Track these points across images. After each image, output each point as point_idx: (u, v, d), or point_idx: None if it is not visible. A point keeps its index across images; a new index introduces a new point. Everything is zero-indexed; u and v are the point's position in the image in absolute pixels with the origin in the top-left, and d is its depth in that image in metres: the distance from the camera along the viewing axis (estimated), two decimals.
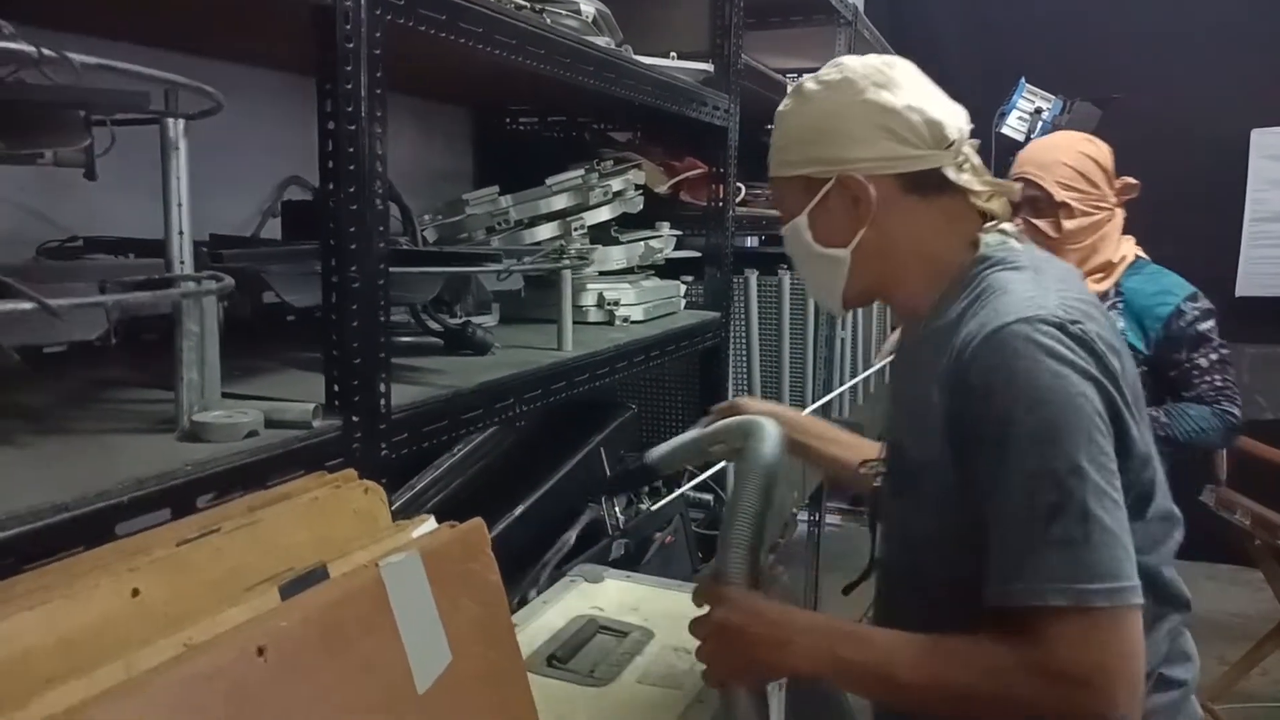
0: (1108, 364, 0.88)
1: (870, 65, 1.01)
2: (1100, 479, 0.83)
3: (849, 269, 1.02)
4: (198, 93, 0.80)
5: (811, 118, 1.02)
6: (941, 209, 1.00)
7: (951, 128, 0.98)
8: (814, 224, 1.02)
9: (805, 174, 1.02)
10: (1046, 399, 0.84)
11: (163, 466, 0.76)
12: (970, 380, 0.88)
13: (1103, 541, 0.82)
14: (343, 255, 0.92)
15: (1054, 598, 0.82)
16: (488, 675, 0.81)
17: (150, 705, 0.55)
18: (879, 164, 0.98)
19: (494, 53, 1.13)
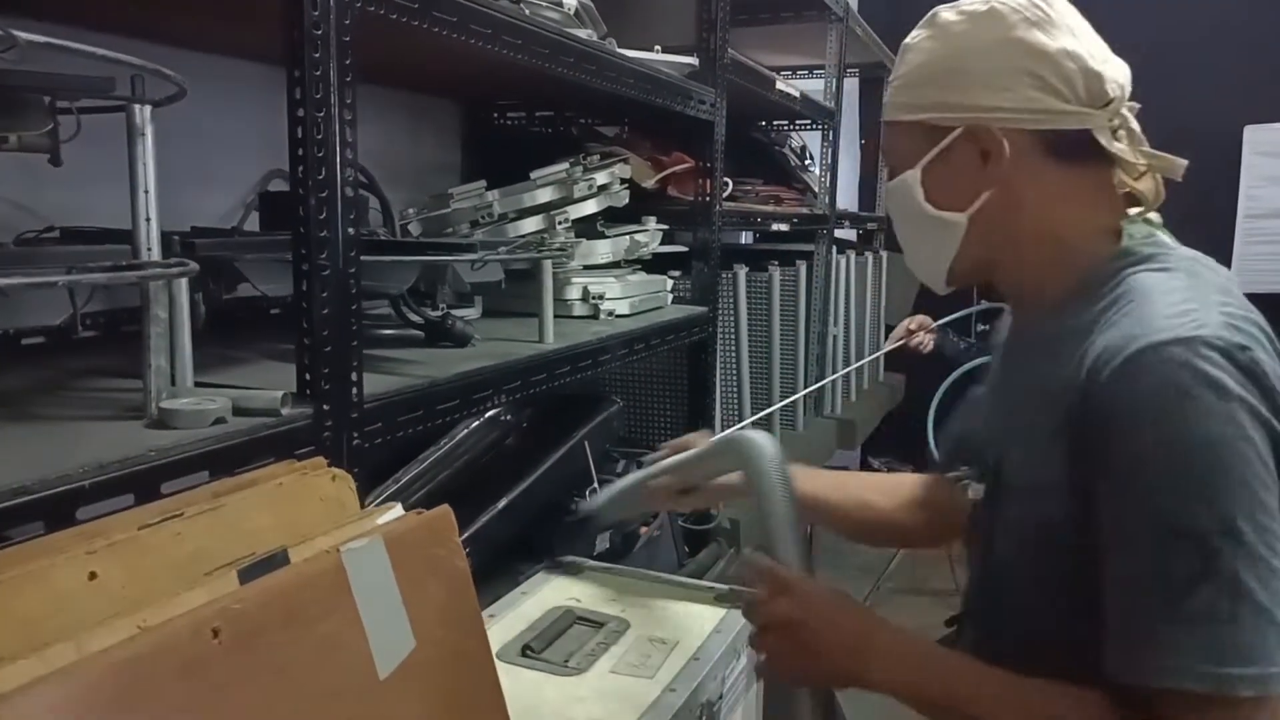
0: (1276, 401, 0.73)
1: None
2: (1258, 542, 0.70)
3: (963, 238, 0.87)
4: (160, 77, 0.79)
5: (944, 54, 0.87)
6: (1084, 181, 0.85)
7: (1112, 83, 0.84)
8: (929, 180, 0.88)
9: (927, 119, 0.88)
10: (1202, 443, 0.70)
11: (126, 451, 0.76)
12: (1107, 408, 0.74)
13: (1254, 618, 0.69)
14: (312, 243, 0.92)
15: (1190, 681, 0.70)
16: (453, 661, 0.81)
17: (99, 684, 0.55)
18: (1020, 116, 0.83)
19: (470, 42, 1.13)
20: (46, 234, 1.20)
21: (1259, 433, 0.72)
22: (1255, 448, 0.71)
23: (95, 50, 0.71)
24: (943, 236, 0.89)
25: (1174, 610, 0.71)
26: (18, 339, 1.15)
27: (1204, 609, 0.70)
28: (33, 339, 1.16)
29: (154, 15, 1.22)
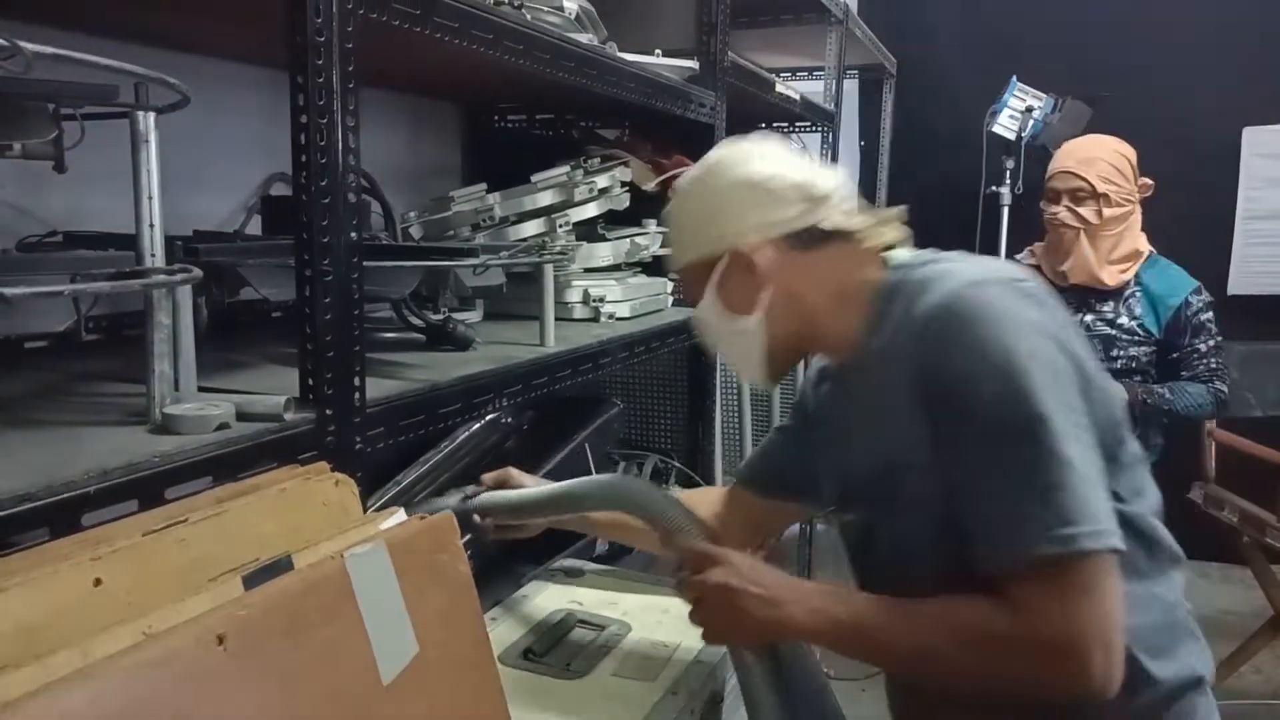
0: (1058, 315, 0.92)
1: (735, 148, 1.08)
2: (1068, 426, 0.85)
3: (763, 334, 1.05)
4: (163, 85, 0.80)
5: (693, 206, 1.08)
6: (834, 255, 1.03)
7: (824, 183, 1.03)
8: (719, 300, 1.06)
9: (700, 257, 1.07)
10: (1011, 354, 0.86)
11: (130, 457, 0.77)
12: (934, 356, 0.91)
13: (1081, 486, 0.84)
14: (315, 248, 0.92)
15: (1040, 547, 0.83)
16: (456, 666, 0.81)
17: (105, 691, 0.55)
18: (761, 229, 1.02)
19: (471, 48, 1.13)
20: (49, 239, 1.20)
21: (1046, 339, 0.88)
22: (1048, 350, 0.88)
23: (100, 60, 0.71)
24: (748, 339, 1.06)
25: (1018, 495, 0.85)
26: (21, 344, 1.16)
27: (1040, 486, 0.84)
28: (36, 343, 1.16)
29: (158, 20, 1.23)
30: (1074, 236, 2.25)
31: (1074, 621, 0.83)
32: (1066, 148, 2.37)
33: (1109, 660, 0.84)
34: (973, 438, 0.88)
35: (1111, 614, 0.84)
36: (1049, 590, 0.84)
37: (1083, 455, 0.85)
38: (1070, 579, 0.83)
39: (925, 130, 4.15)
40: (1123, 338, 2.23)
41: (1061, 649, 0.83)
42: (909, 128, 4.18)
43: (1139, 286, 2.26)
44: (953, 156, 3.84)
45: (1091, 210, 2.23)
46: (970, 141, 3.55)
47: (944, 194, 4.04)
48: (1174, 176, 3.76)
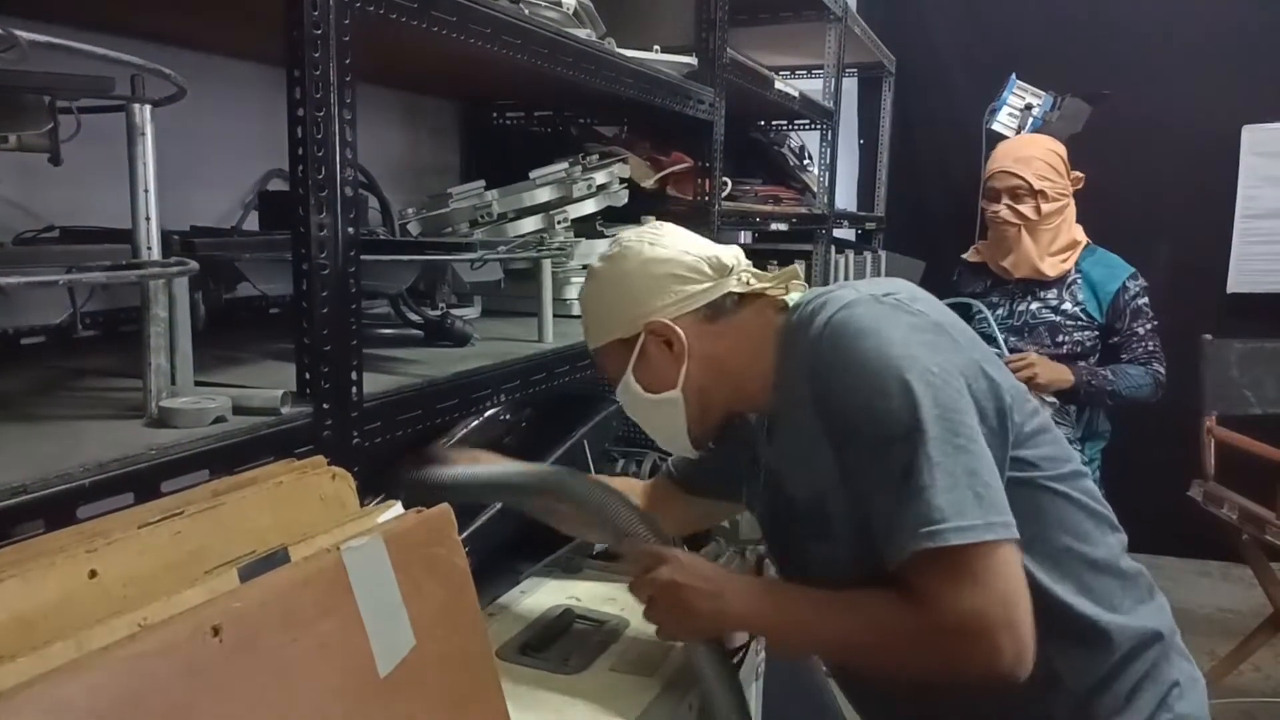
0: (928, 318, 0.97)
1: (641, 232, 1.12)
2: (939, 428, 0.89)
3: (686, 405, 1.09)
4: (159, 77, 0.79)
5: (607, 288, 1.12)
6: (745, 318, 1.08)
7: (726, 256, 1.08)
8: (640, 377, 1.10)
9: (617, 338, 1.11)
10: (870, 371, 0.92)
11: (126, 450, 0.76)
12: (819, 384, 0.96)
13: (947, 485, 0.88)
14: (311, 242, 0.92)
15: (912, 543, 0.88)
16: (453, 660, 0.81)
17: (100, 682, 0.55)
18: (676, 305, 1.07)
19: (469, 42, 1.13)
20: (46, 233, 1.20)
21: (914, 347, 0.92)
22: (915, 359, 0.91)
23: (95, 50, 0.71)
24: (672, 412, 1.10)
25: (899, 495, 0.89)
26: (17, 339, 1.15)
27: (915, 486, 0.88)
28: (32, 339, 1.16)
29: (154, 16, 1.23)
30: (1015, 233, 2.36)
31: (969, 607, 0.87)
32: (1002, 148, 2.49)
33: (1015, 640, 0.87)
34: (859, 447, 0.93)
35: (1007, 596, 0.87)
36: (940, 581, 0.88)
37: (954, 454, 0.89)
38: (957, 569, 0.87)
39: (924, 128, 4.16)
40: (1067, 324, 2.34)
41: (963, 633, 0.87)
42: (908, 125, 4.18)
43: (1079, 274, 2.37)
44: (952, 154, 3.84)
45: (1030, 207, 2.33)
46: (969, 139, 3.55)
47: (943, 192, 4.05)
48: (1173, 174, 3.79)
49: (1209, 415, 2.93)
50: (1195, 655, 1.11)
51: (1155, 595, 1.08)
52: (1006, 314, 2.43)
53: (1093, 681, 1.00)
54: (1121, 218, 3.62)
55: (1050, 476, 1.00)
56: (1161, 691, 1.02)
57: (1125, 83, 3.51)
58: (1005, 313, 2.43)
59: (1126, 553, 1.07)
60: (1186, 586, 3.71)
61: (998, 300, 2.46)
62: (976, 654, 0.87)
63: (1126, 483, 2.35)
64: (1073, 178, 2.41)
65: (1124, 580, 1.04)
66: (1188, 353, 2.86)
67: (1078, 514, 1.02)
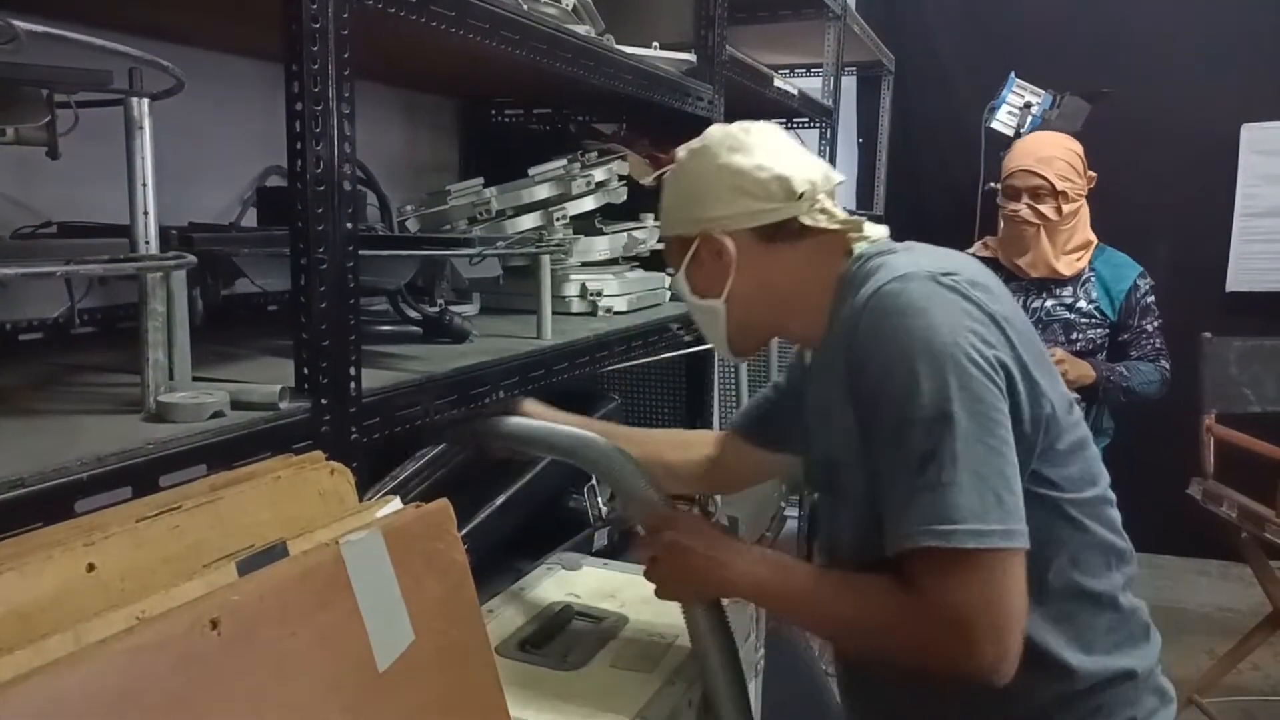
0: (986, 308, 0.92)
1: (729, 132, 1.08)
2: (971, 424, 0.87)
3: (726, 316, 1.10)
4: (158, 70, 0.79)
5: (680, 183, 1.11)
6: (807, 249, 1.06)
7: (800, 180, 1.04)
8: (690, 278, 1.11)
9: (676, 234, 1.12)
10: (908, 350, 0.89)
11: (124, 445, 0.76)
12: (857, 352, 0.94)
13: (972, 485, 0.86)
14: (310, 237, 0.92)
15: (922, 539, 0.86)
16: (452, 654, 0.81)
17: (98, 675, 0.55)
18: (734, 219, 1.05)
19: (467, 37, 1.13)
20: (44, 229, 1.20)
21: (964, 334, 0.89)
22: (962, 347, 0.88)
23: (92, 41, 0.71)
24: (713, 318, 1.11)
25: (912, 484, 0.88)
26: (15, 334, 1.15)
27: (932, 479, 0.86)
28: (30, 335, 1.16)
29: (152, 12, 1.22)
30: (1034, 232, 2.34)
31: (961, 602, 0.86)
32: (1022, 146, 2.46)
33: (999, 645, 0.86)
34: (883, 424, 0.92)
35: (1000, 602, 0.86)
36: (938, 574, 0.87)
37: (984, 454, 0.87)
38: (962, 570, 0.86)
39: (923, 126, 4.15)
40: (1081, 321, 2.35)
41: (948, 626, 0.87)
42: (907, 124, 4.17)
43: (1092, 272, 2.37)
44: (951, 153, 3.84)
45: (1051, 207, 2.31)
46: (968, 137, 3.54)
47: (942, 190, 4.04)
48: (1172, 173, 3.79)
49: (1208, 413, 2.92)
50: (1194, 654, 1.09)
51: (1148, 636, 1.06)
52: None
53: (1040, 706, 0.99)
54: (1121, 216, 3.60)
55: (1069, 500, 0.97)
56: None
57: (1124, 81, 3.50)
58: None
59: (1132, 587, 1.05)
60: (1185, 585, 3.71)
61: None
62: (959, 650, 0.87)
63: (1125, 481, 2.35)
64: (1088, 177, 2.40)
65: (1116, 617, 1.02)
66: (1187, 351, 2.85)
67: (1086, 543, 0.99)
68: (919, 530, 0.87)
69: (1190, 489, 2.84)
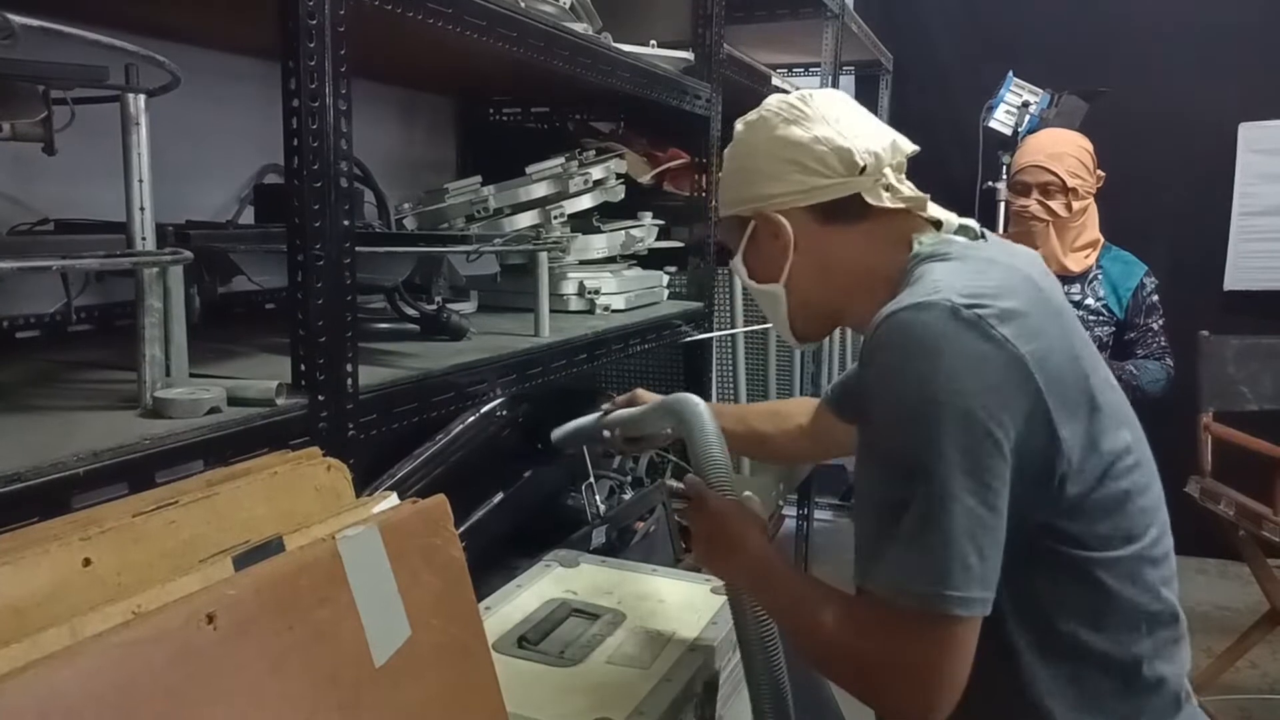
0: (1009, 348, 0.83)
1: (787, 101, 1.01)
2: (953, 483, 0.80)
3: (788, 300, 1.04)
4: (155, 66, 0.79)
5: (735, 159, 1.05)
6: (870, 229, 0.99)
7: (862, 152, 0.96)
8: (748, 261, 1.06)
9: (733, 214, 1.05)
10: (910, 396, 0.82)
11: (120, 440, 0.76)
12: (865, 371, 0.89)
13: (939, 546, 0.80)
14: (307, 234, 0.92)
15: (878, 590, 0.84)
16: (449, 650, 0.81)
17: (94, 669, 0.55)
18: (791, 197, 0.99)
19: (464, 34, 1.13)
20: (40, 226, 1.20)
21: (969, 380, 0.81)
22: (964, 396, 0.81)
23: (89, 36, 0.71)
24: (774, 303, 1.05)
25: (882, 529, 0.84)
26: (12, 331, 1.15)
27: (901, 533, 0.82)
28: (27, 331, 1.16)
29: (149, 8, 1.22)
30: (1043, 229, 2.35)
31: (900, 654, 0.83)
32: (1033, 142, 2.45)
33: (925, 700, 0.82)
34: (869, 460, 0.88)
35: (940, 665, 0.82)
36: (893, 628, 0.83)
37: (961, 515, 0.80)
38: (905, 622, 0.82)
39: (921, 126, 4.11)
40: (1089, 318, 2.36)
41: (892, 677, 0.84)
42: (905, 123, 4.12)
43: (1100, 270, 2.39)
44: (949, 152, 3.84)
45: (1061, 204, 2.32)
46: (966, 137, 3.54)
47: (940, 189, 4.00)
48: (1170, 172, 3.80)
49: (1206, 411, 2.93)
50: (1191, 652, 1.04)
51: (1174, 712, 0.94)
52: None
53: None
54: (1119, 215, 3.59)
55: (1093, 559, 0.88)
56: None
57: (1122, 80, 3.51)
58: None
59: (1163, 654, 0.93)
60: (1183, 583, 3.67)
61: None
62: (890, 698, 0.86)
63: None
64: (1097, 175, 2.41)
65: (1130, 687, 0.92)
66: (1185, 349, 2.86)
67: (1111, 604, 0.90)
68: (882, 581, 0.84)
69: (1188, 487, 2.84)
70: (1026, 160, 2.38)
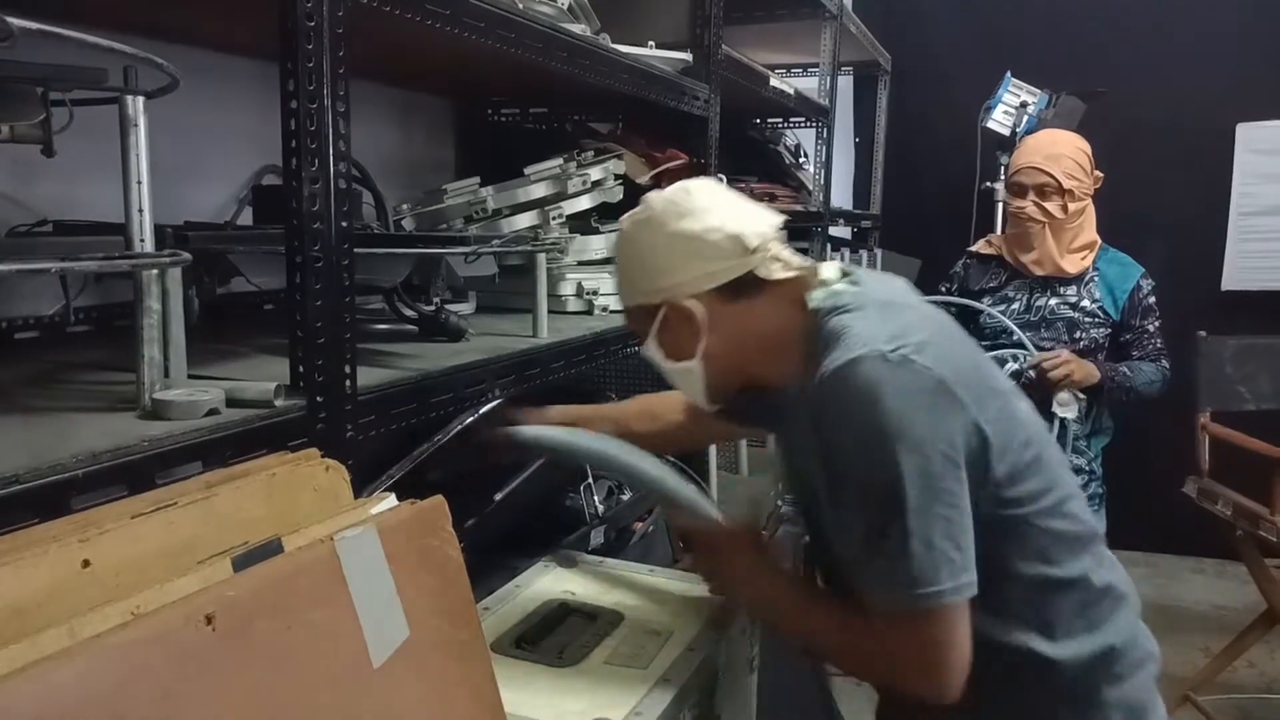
0: (933, 375, 0.97)
1: (670, 199, 1.10)
2: (921, 498, 0.95)
3: (704, 373, 1.12)
4: (153, 68, 0.79)
5: (633, 255, 1.12)
6: (769, 298, 1.09)
7: (751, 235, 1.07)
8: (661, 344, 1.13)
9: (639, 304, 1.13)
10: (862, 438, 0.96)
11: (119, 442, 0.76)
12: (822, 428, 1.01)
13: (923, 553, 0.95)
14: (305, 234, 0.92)
15: (881, 602, 0.99)
16: (447, 650, 0.81)
17: (93, 670, 0.55)
18: (696, 283, 1.07)
19: (463, 35, 1.13)
20: (39, 227, 1.20)
21: (910, 410, 0.95)
22: (912, 423, 0.95)
23: (87, 38, 0.71)
24: (690, 378, 1.14)
25: (872, 550, 0.98)
26: (10, 332, 1.15)
27: (889, 549, 0.96)
28: (25, 332, 1.16)
29: (147, 11, 1.22)
30: (1040, 230, 2.35)
31: (911, 654, 0.99)
32: (1030, 143, 2.45)
33: (940, 681, 0.99)
34: (847, 496, 1.01)
35: (952, 646, 0.98)
36: (896, 626, 0.99)
37: (933, 522, 0.95)
38: (913, 622, 0.97)
39: (920, 126, 4.16)
40: (1085, 320, 2.35)
41: (905, 667, 1.01)
42: (903, 123, 4.18)
43: (1096, 272, 2.39)
44: (947, 152, 3.84)
45: (1057, 205, 2.33)
46: (965, 137, 3.55)
47: (938, 190, 4.04)
48: (1168, 172, 3.80)
49: (1203, 412, 2.93)
50: (1189, 652, 1.13)
51: (1121, 605, 1.12)
52: (1023, 308, 2.40)
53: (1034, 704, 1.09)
54: (1117, 215, 3.59)
55: (1035, 511, 1.05)
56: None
57: (1120, 80, 3.51)
58: (1022, 307, 2.40)
59: (1103, 563, 1.12)
60: (1181, 583, 3.72)
61: (1014, 294, 2.43)
62: (910, 683, 1.01)
63: (1122, 480, 2.36)
64: (1095, 177, 2.41)
65: (1086, 597, 1.09)
66: (1182, 349, 2.86)
67: (1055, 540, 1.07)
68: (879, 594, 0.99)
69: (1186, 487, 2.85)
70: (1024, 161, 2.37)
